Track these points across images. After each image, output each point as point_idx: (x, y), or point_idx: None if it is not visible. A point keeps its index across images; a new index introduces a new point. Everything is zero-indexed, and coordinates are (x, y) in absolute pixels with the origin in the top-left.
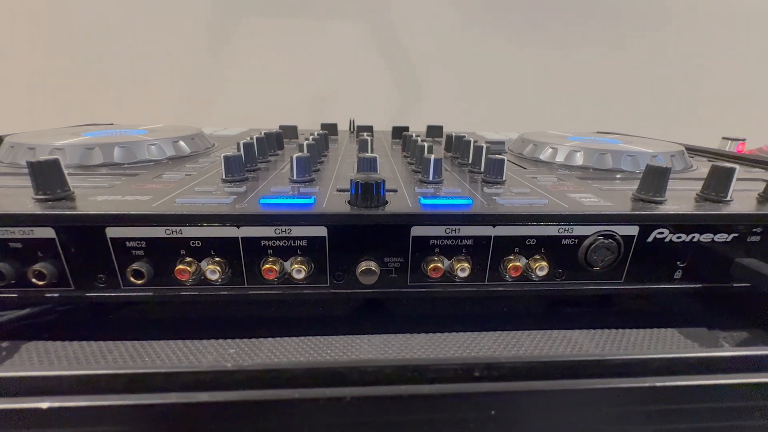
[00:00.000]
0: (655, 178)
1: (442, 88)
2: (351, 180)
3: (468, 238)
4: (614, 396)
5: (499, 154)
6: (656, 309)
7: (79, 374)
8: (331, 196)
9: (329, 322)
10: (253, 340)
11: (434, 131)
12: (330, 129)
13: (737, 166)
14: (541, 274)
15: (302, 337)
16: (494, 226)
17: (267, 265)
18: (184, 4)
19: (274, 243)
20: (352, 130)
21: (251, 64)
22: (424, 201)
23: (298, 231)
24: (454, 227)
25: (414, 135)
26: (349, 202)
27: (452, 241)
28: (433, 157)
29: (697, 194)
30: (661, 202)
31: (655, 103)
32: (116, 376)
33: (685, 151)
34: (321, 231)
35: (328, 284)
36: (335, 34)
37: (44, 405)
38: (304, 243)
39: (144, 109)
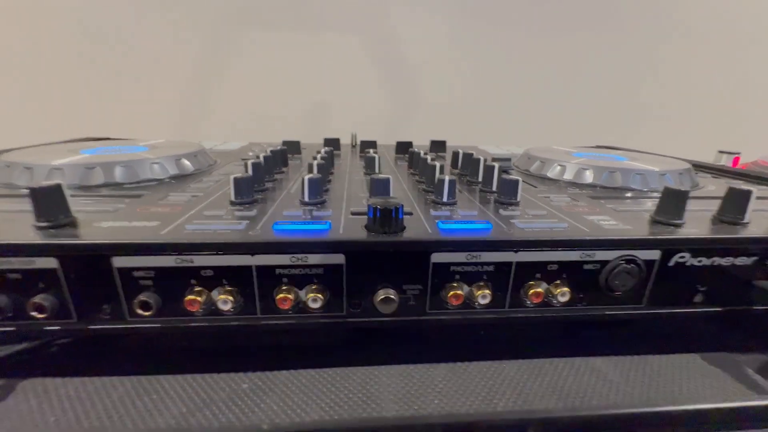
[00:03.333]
0: (674, 201)
1: (439, 97)
2: (369, 204)
3: (489, 264)
4: None
5: (508, 171)
6: (676, 333)
7: None
8: (346, 220)
9: (345, 353)
10: (267, 373)
11: (437, 146)
12: (333, 144)
13: (754, 189)
14: (563, 299)
15: (318, 369)
16: (516, 251)
17: (281, 294)
18: (179, 13)
19: (289, 271)
20: (354, 144)
21: (247, 75)
22: (442, 225)
23: (314, 258)
24: (475, 253)
25: (422, 153)
26: (366, 227)
27: (473, 268)
28: (447, 178)
29: (713, 216)
30: (680, 225)
31: (649, 114)
32: None
33: (692, 168)
34: (339, 258)
35: (345, 313)
36: (332, 46)
37: None
38: (320, 271)
39: (137, 119)
